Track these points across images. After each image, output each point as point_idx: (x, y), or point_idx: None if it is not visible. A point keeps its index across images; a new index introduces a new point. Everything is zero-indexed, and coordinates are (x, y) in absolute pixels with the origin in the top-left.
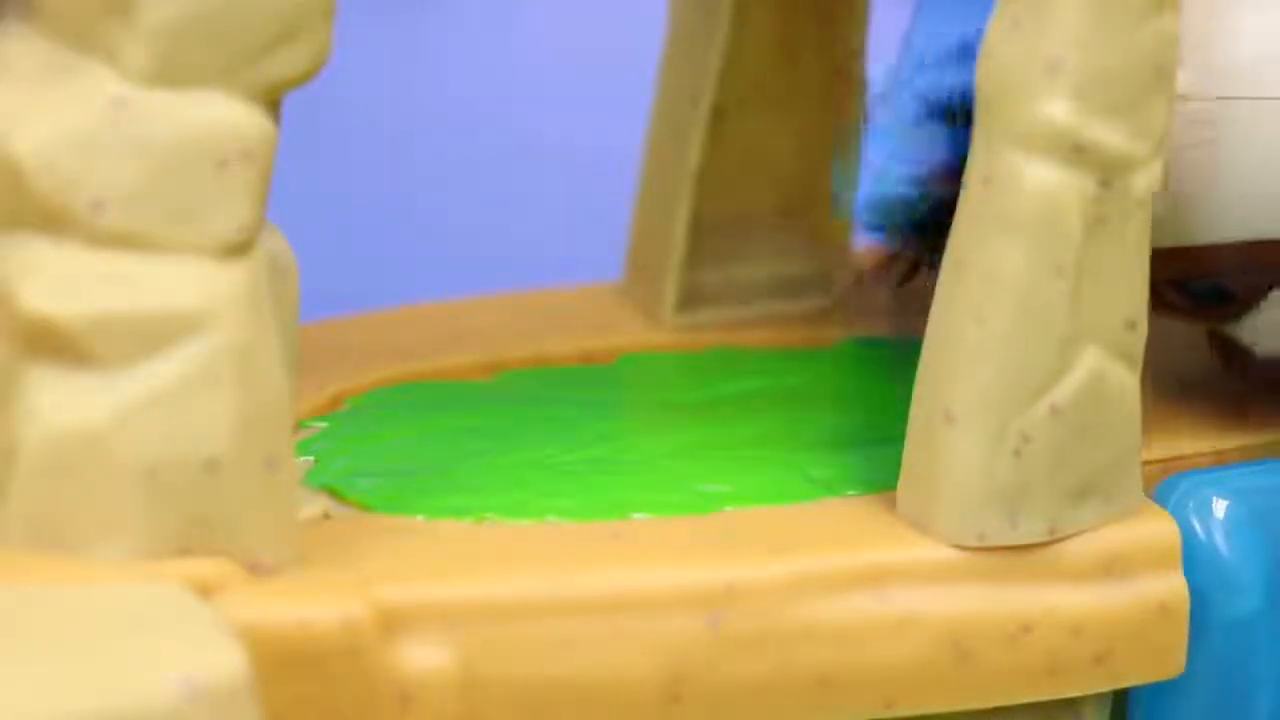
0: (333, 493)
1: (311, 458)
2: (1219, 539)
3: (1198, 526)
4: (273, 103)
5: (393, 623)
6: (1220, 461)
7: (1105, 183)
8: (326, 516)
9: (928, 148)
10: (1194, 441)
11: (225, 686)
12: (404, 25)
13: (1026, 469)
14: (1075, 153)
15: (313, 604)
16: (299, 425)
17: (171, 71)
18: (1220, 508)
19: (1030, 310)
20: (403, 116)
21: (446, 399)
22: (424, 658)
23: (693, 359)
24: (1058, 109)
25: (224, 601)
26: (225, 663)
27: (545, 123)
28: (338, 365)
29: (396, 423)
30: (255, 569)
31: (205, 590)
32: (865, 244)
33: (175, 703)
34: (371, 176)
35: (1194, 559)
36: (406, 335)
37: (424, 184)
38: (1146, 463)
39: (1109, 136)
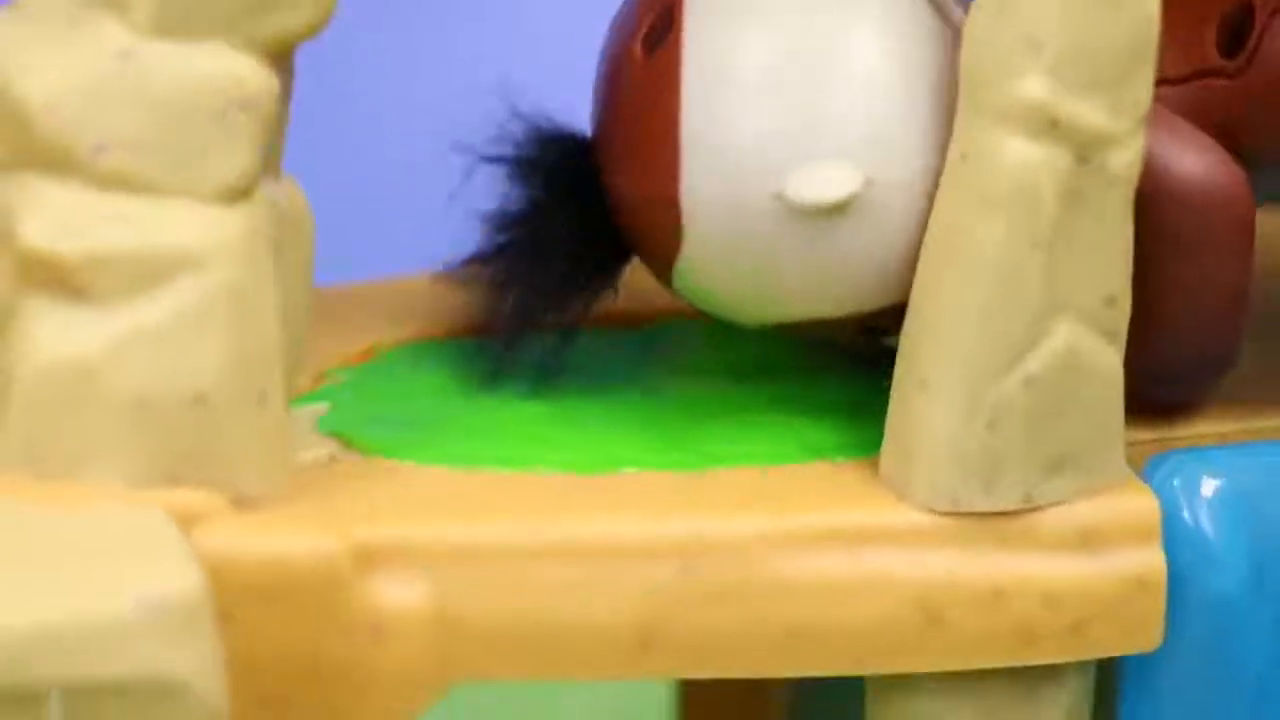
0: (341, 438)
1: (326, 404)
2: (1203, 517)
3: (1183, 505)
4: (280, 56)
5: (369, 558)
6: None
7: (1083, 158)
8: (331, 459)
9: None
10: (1189, 425)
11: (179, 605)
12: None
13: (1000, 437)
14: (1052, 128)
15: (290, 537)
16: (325, 374)
17: (175, 24)
18: (1205, 486)
19: (1005, 282)
20: (431, 90)
21: (468, 357)
22: (398, 593)
23: (720, 328)
24: (1036, 85)
25: (204, 531)
26: (181, 584)
27: (551, 97)
28: (369, 322)
29: (417, 377)
30: (239, 502)
31: (188, 520)
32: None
33: (127, 617)
34: (407, 150)
35: (1179, 537)
36: (435, 297)
37: (456, 157)
38: (1139, 443)
39: (1087, 113)
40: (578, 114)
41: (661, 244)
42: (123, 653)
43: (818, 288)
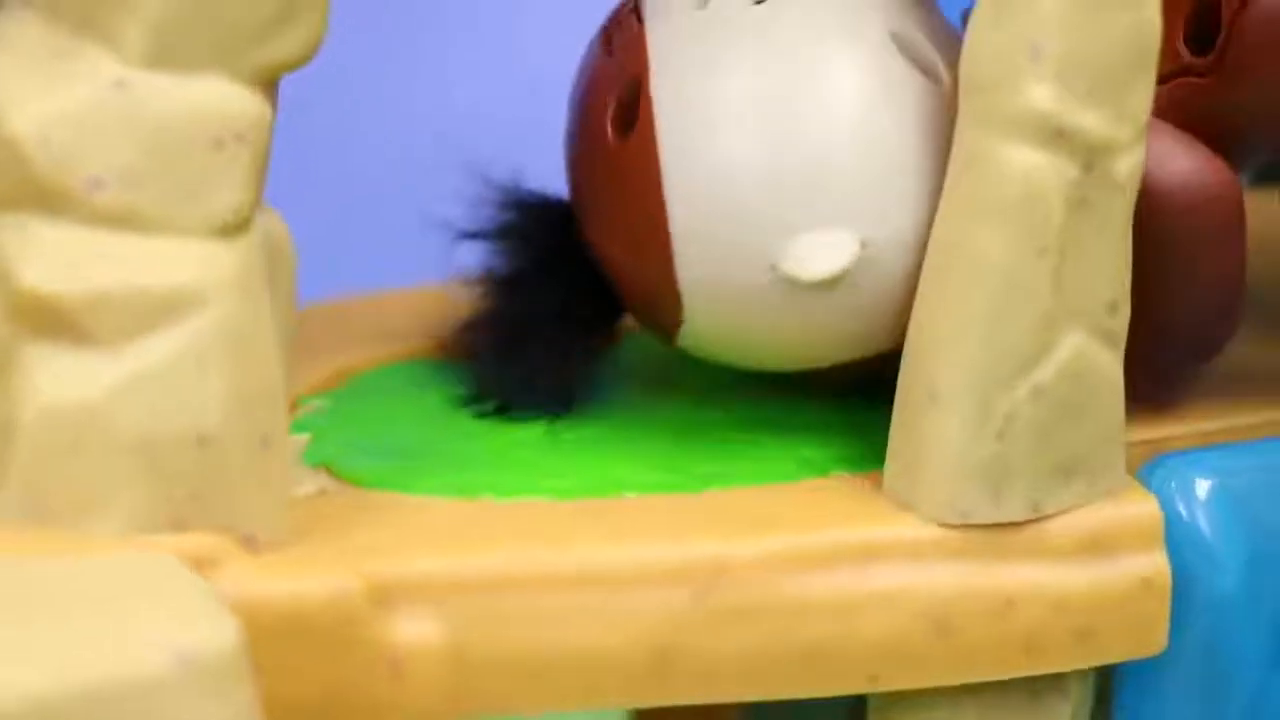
0: (329, 469)
1: (308, 434)
2: (1201, 518)
3: (1180, 506)
4: (269, 85)
5: (383, 596)
6: (1205, 443)
7: (1087, 166)
8: (322, 493)
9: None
10: (1179, 424)
11: (216, 657)
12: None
13: (1009, 448)
14: (1057, 137)
15: (305, 578)
16: (300, 402)
17: (169, 54)
18: (1202, 488)
19: (1012, 292)
20: (404, 106)
21: (444, 379)
22: (414, 630)
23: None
24: (1040, 94)
25: (217, 575)
26: (217, 634)
27: (540, 118)
28: (339, 344)
29: (394, 402)
30: (248, 543)
31: (199, 564)
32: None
33: (166, 673)
34: (375, 162)
35: (1176, 538)
36: (407, 315)
37: (428, 170)
38: (1132, 444)
39: (1091, 121)
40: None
41: (663, 318)
42: (164, 710)
43: (819, 342)
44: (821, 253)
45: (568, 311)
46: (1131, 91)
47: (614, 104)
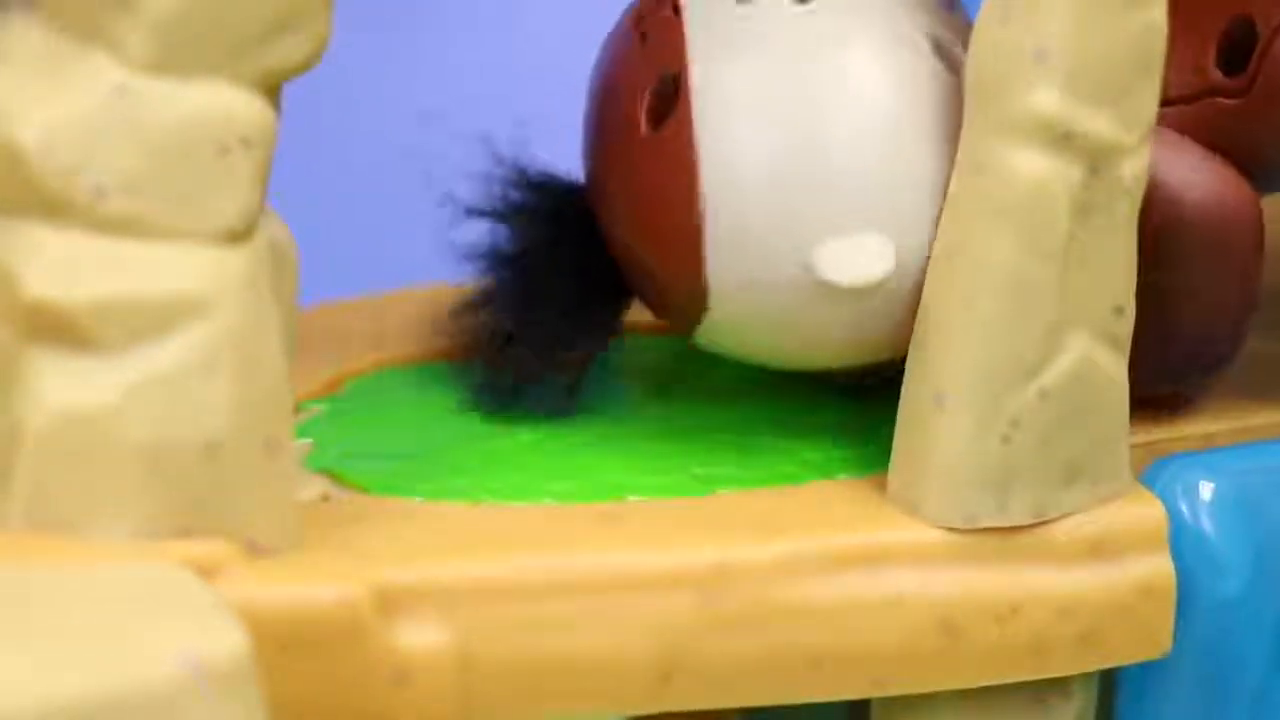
0: (331, 475)
1: (310, 440)
2: (1205, 521)
3: (1184, 509)
4: (273, 90)
5: (390, 603)
6: (1208, 445)
7: (1094, 170)
8: (325, 499)
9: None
10: (1183, 426)
11: (227, 665)
12: (408, 18)
13: (1015, 452)
14: (1064, 141)
15: (311, 584)
16: (299, 407)
17: (173, 60)
18: (1206, 490)
19: (1019, 296)
20: (402, 108)
21: (444, 382)
22: (421, 637)
23: (687, 342)
24: (1047, 98)
25: (223, 582)
26: (227, 642)
27: (545, 110)
28: (338, 348)
29: (395, 405)
30: (254, 550)
31: (205, 571)
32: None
33: (177, 681)
34: (374, 163)
35: (1181, 541)
36: (407, 319)
37: (424, 172)
38: (1136, 446)
39: (1097, 124)
40: (566, 135)
41: (684, 310)
42: (175, 719)
43: (843, 343)
44: (861, 260)
45: (573, 299)
46: (1137, 94)
47: (649, 94)
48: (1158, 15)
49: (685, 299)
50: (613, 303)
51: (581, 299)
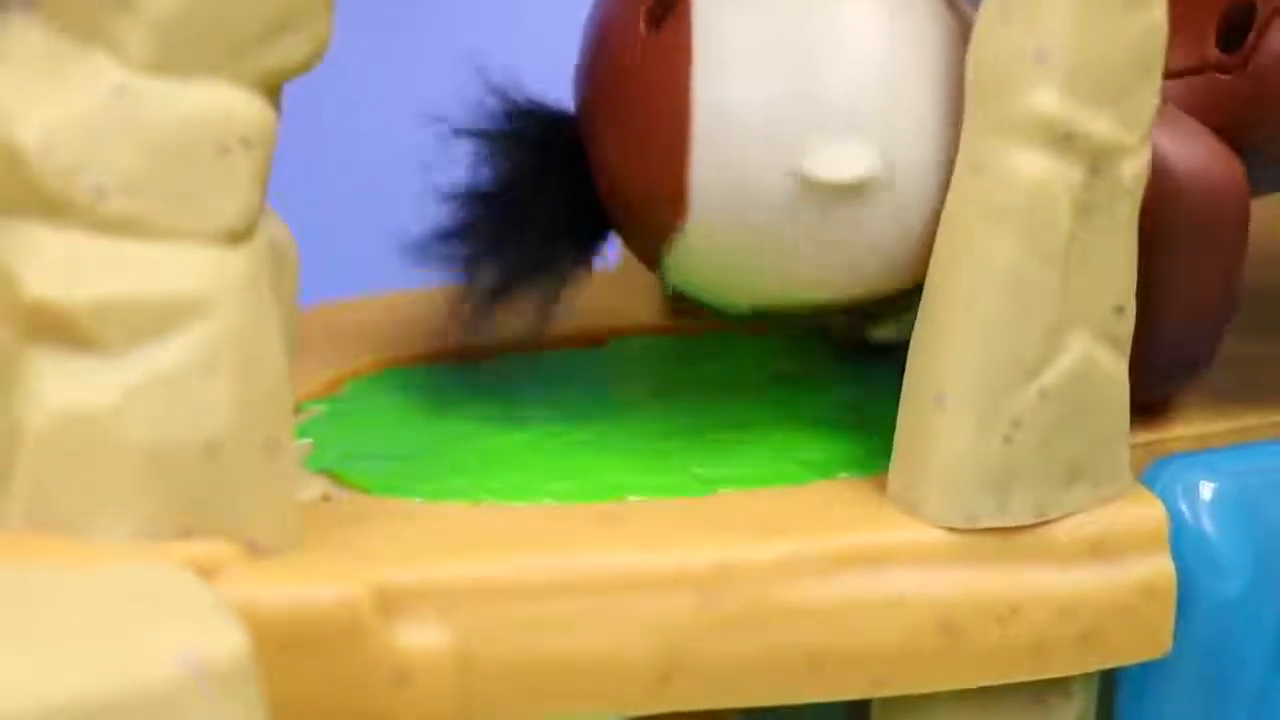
0: (332, 475)
1: (310, 440)
2: (1206, 521)
3: (1185, 509)
4: (273, 90)
5: (390, 603)
6: (1207, 445)
7: (1094, 170)
8: (326, 499)
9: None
10: (1183, 426)
11: (227, 666)
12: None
13: (1016, 452)
14: (1065, 141)
15: (311, 585)
16: (299, 408)
17: (173, 60)
18: (1207, 490)
19: (1020, 296)
20: (402, 107)
21: (443, 382)
22: (421, 637)
23: (686, 342)
24: (1047, 98)
25: (224, 582)
26: (227, 642)
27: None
28: (338, 349)
29: (394, 406)
30: (255, 550)
31: (205, 571)
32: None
33: (177, 682)
34: (374, 163)
35: (1181, 541)
36: (405, 319)
37: (423, 173)
38: (1136, 446)
39: (1098, 125)
40: (556, 92)
41: (660, 223)
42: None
43: (823, 271)
44: (844, 159)
45: (552, 222)
46: (1138, 94)
47: (649, 2)
48: (1158, 15)
49: (664, 207)
50: (591, 234)
51: (560, 226)
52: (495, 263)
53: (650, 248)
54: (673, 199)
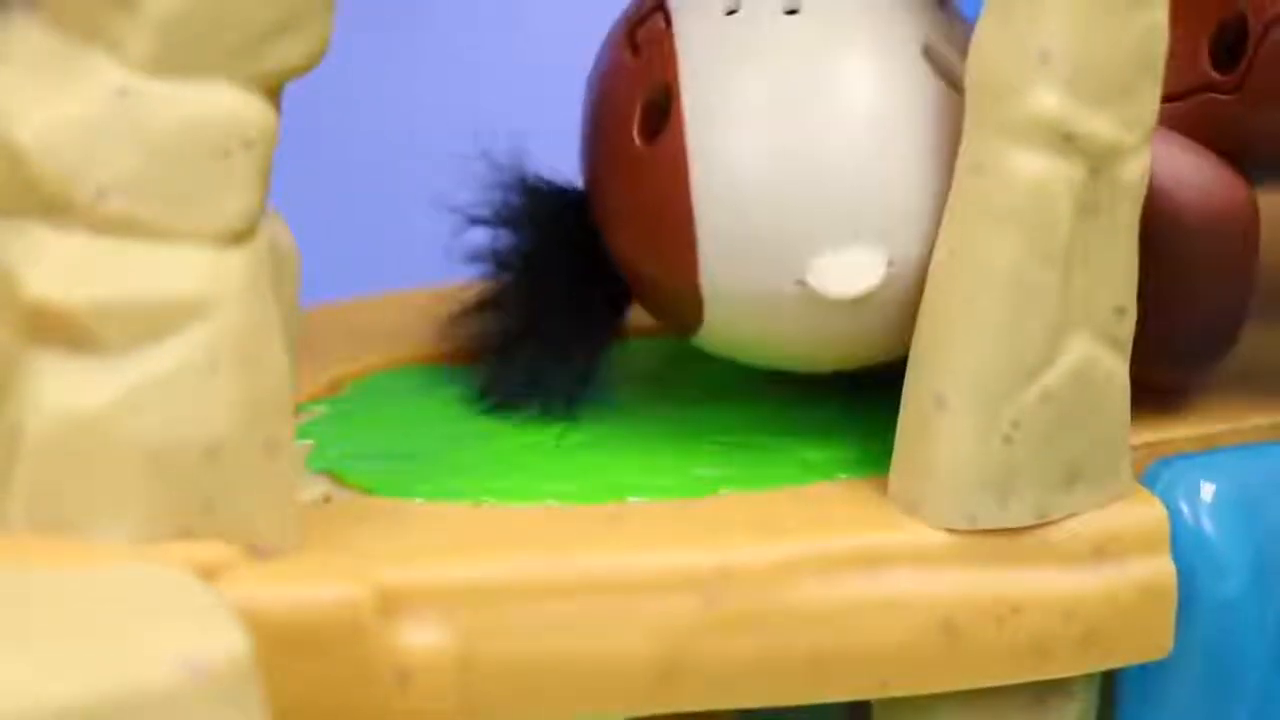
0: (333, 476)
1: (311, 441)
2: (1206, 522)
3: (1185, 510)
4: (274, 91)
5: (392, 604)
6: (1208, 446)
7: (1095, 170)
8: (327, 499)
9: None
10: (1184, 427)
11: (227, 667)
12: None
13: (1017, 453)
14: (1065, 142)
15: (312, 585)
16: (299, 408)
17: (174, 61)
18: (1207, 491)
19: (1021, 297)
20: (401, 108)
21: (444, 383)
22: (422, 638)
23: (686, 343)
24: (1048, 99)
25: (225, 583)
26: (227, 643)
27: (545, 110)
28: (338, 349)
29: (396, 406)
30: (256, 551)
31: (207, 572)
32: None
33: (178, 684)
34: (374, 163)
35: (1181, 542)
36: (406, 319)
37: (424, 173)
38: (1137, 447)
39: (1099, 125)
40: (567, 137)
41: (681, 319)
42: None
43: (837, 349)
44: (851, 273)
45: (576, 301)
46: (1139, 95)
47: (641, 107)
48: (1159, 16)
49: (682, 307)
50: (615, 304)
51: (585, 300)
52: (529, 346)
53: (675, 330)
54: (687, 304)
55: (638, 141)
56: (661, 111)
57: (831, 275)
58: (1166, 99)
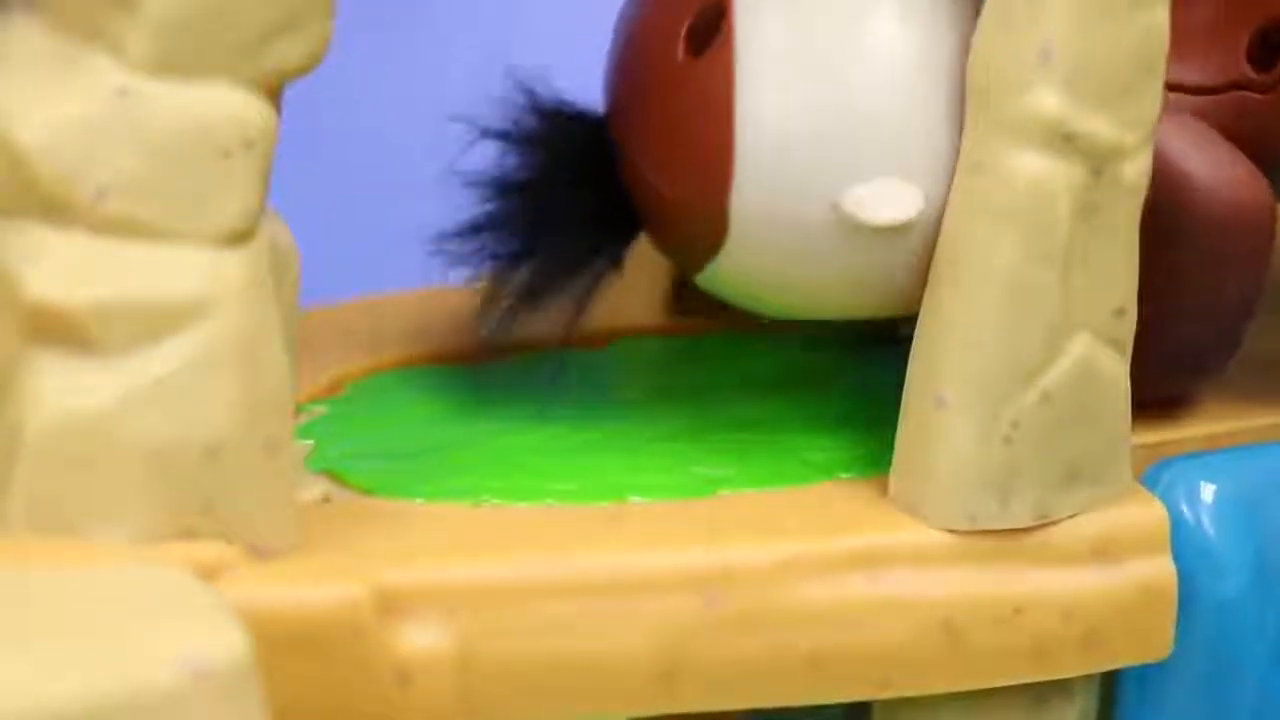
0: (333, 476)
1: (311, 441)
2: (1206, 522)
3: (1185, 510)
4: (274, 91)
5: (392, 604)
6: (1209, 446)
7: (1096, 171)
8: (327, 499)
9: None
10: (1185, 428)
11: (227, 668)
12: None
13: (1017, 453)
14: (1066, 142)
15: (312, 586)
16: (299, 409)
17: (174, 61)
18: (1207, 492)
19: (1020, 298)
20: (402, 108)
21: (445, 383)
22: (422, 639)
23: (687, 342)
24: (1049, 99)
25: (225, 584)
26: (227, 644)
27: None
28: (338, 349)
29: (396, 406)
30: (256, 551)
31: (207, 573)
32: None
33: (178, 685)
34: (374, 163)
35: (1182, 542)
36: (405, 320)
37: (423, 172)
38: (1137, 448)
39: (1099, 126)
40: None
41: (698, 243)
42: None
43: (858, 291)
44: (888, 201)
45: (581, 222)
46: (1140, 95)
47: (690, 21)
48: (1160, 16)
49: (703, 229)
50: (620, 234)
51: (588, 226)
52: (527, 264)
53: (685, 259)
54: (712, 220)
55: (682, 55)
56: (710, 29)
57: (868, 201)
58: (1201, 91)
